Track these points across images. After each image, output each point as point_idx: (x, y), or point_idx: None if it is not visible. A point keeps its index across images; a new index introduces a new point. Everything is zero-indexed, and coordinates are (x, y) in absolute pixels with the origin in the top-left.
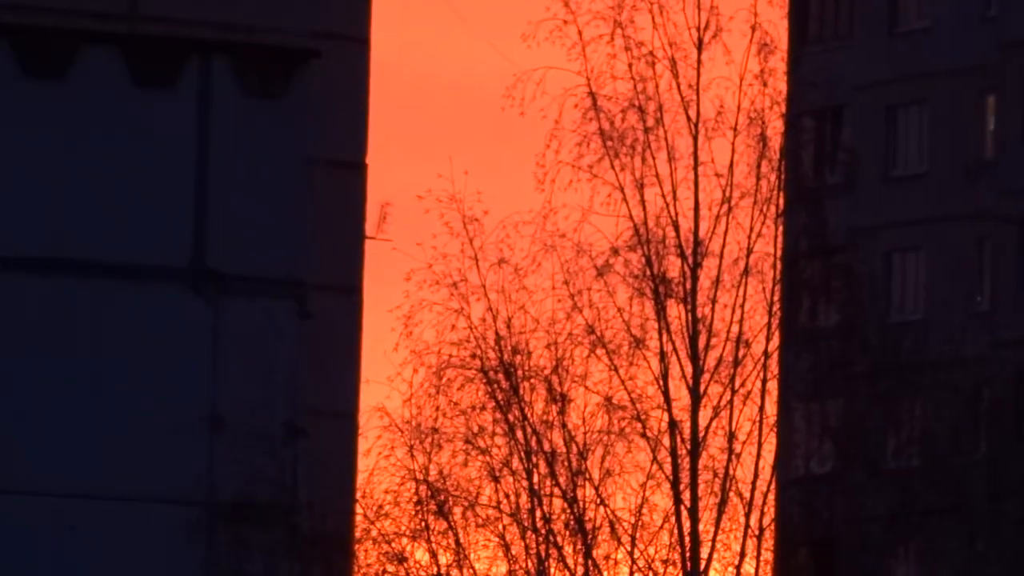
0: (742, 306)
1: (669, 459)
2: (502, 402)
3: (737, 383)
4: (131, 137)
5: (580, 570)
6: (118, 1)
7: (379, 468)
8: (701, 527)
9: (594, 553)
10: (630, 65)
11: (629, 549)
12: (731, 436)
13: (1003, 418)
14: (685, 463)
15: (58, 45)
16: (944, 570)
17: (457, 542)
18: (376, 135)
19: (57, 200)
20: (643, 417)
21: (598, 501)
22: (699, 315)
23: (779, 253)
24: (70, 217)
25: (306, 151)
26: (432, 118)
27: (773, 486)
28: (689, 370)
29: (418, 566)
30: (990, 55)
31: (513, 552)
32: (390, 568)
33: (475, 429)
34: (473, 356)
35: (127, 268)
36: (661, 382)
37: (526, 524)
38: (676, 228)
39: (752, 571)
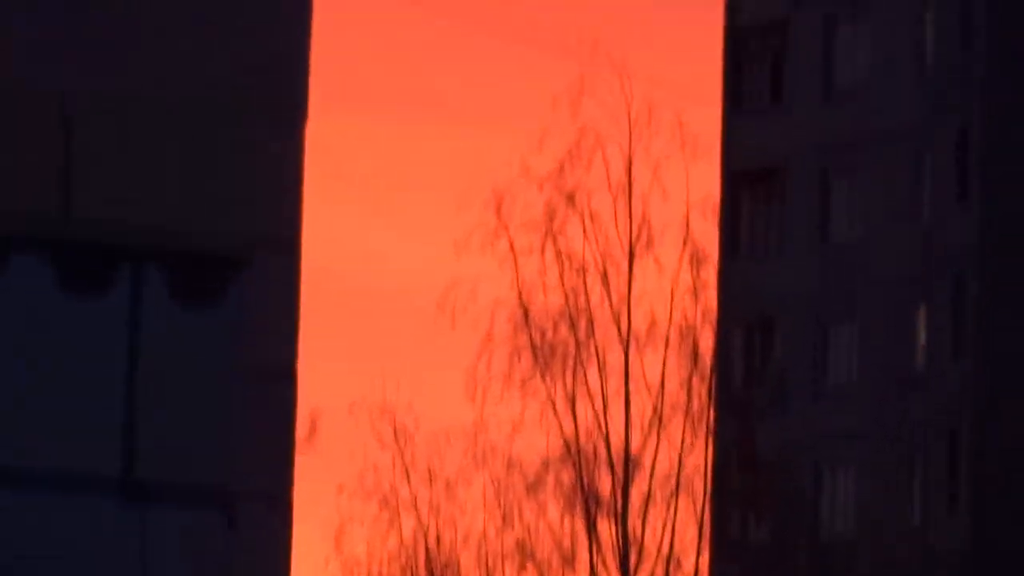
0: (673, 522)
1: None
2: None
3: None
4: (59, 344)
5: None
6: (49, 201)
7: None
8: None
9: None
10: (561, 276)
11: None
12: None
13: None
14: None
15: None
16: None
17: None
18: (308, 343)
19: None
20: None
21: None
22: (629, 531)
23: (710, 467)
24: None
25: (237, 359)
26: (363, 327)
27: None
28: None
29: None
30: (921, 267)
31: None
32: None
33: None
34: (403, 572)
35: (54, 476)
36: None
37: None
38: (607, 443)
39: None
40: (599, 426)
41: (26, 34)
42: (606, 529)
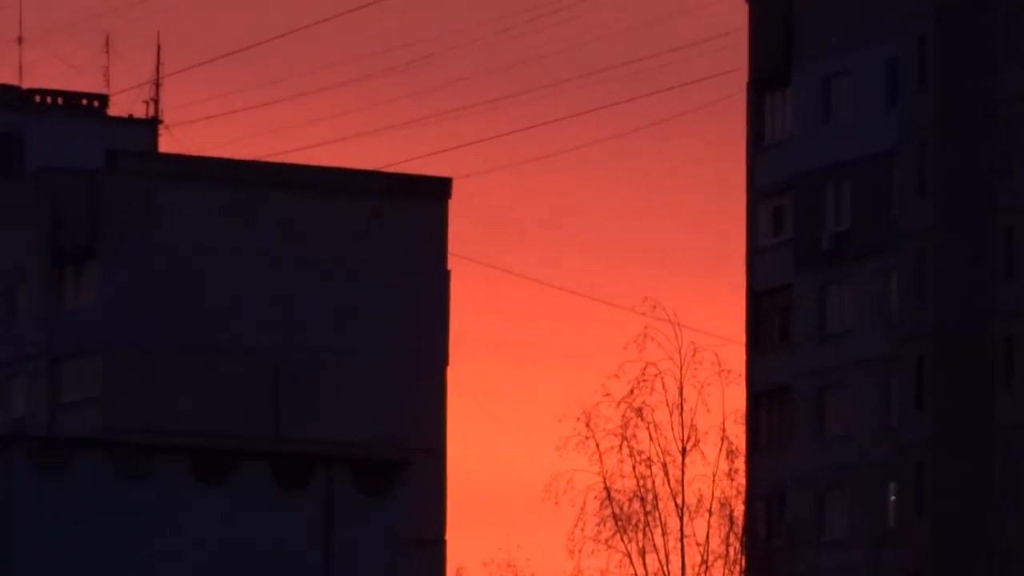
0: None
1: None
2: None
3: None
4: (274, 528)
5: None
6: (265, 425)
7: None
8: None
9: None
10: (634, 467)
11: None
12: None
13: None
14: None
15: (221, 458)
16: None
17: None
18: (454, 516)
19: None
20: None
21: None
22: None
23: None
24: None
25: (401, 534)
26: (495, 508)
27: None
28: None
29: None
30: (892, 455)
31: None
32: None
33: None
34: None
35: None
36: None
37: None
38: None
39: None
40: (663, 571)
41: (249, 308)
42: None
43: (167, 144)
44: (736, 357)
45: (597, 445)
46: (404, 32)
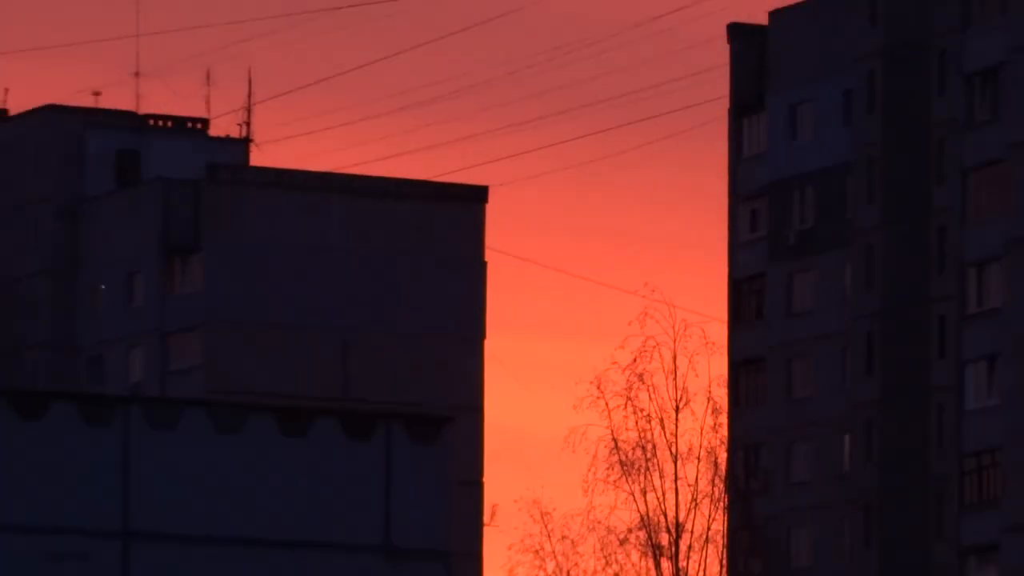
0: (705, 562)
1: None
2: None
3: None
4: (344, 473)
5: None
6: (335, 387)
7: None
8: None
9: None
10: (636, 422)
11: None
12: None
13: None
14: None
15: (301, 415)
16: None
17: None
18: (489, 462)
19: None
20: None
21: None
22: (680, 567)
23: (725, 528)
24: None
25: (449, 478)
26: (519, 452)
27: None
28: None
29: None
30: (847, 412)
31: None
32: None
33: None
34: None
35: (342, 545)
36: None
37: None
38: (665, 516)
39: None
40: (660, 506)
41: (323, 292)
42: (667, 566)
43: (256, 158)
44: (720, 332)
45: (606, 404)
46: (449, 67)
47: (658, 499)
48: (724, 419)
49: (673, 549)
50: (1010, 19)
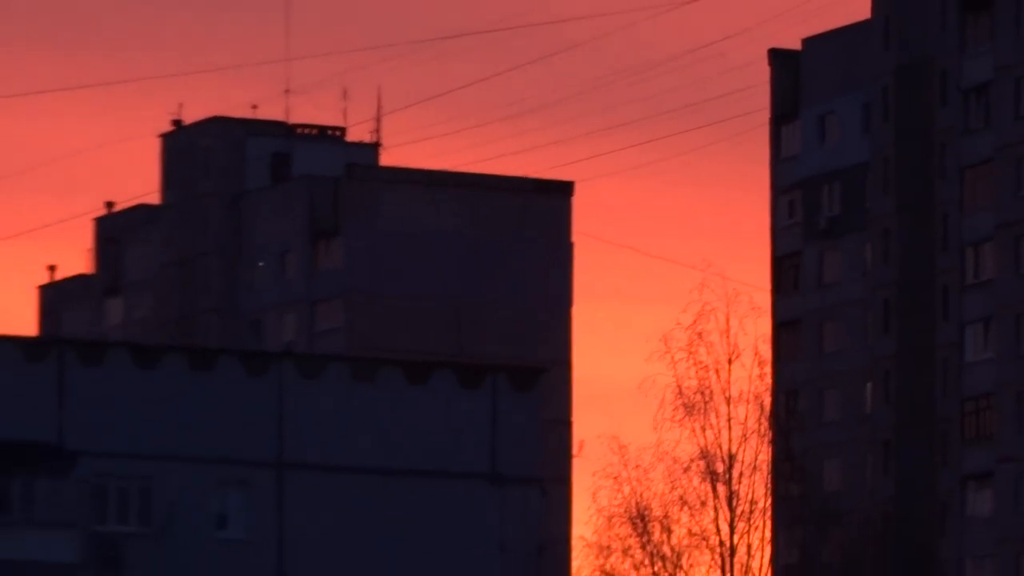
0: (754, 487)
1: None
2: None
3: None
4: (459, 416)
5: None
6: (451, 344)
7: None
8: None
9: None
10: (696, 372)
11: None
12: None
13: None
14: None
15: (424, 368)
16: None
17: None
18: (577, 405)
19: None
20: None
21: None
22: (733, 490)
23: (770, 459)
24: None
25: (542, 417)
26: (601, 397)
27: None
28: (726, 515)
29: None
30: (868, 364)
31: None
32: None
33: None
34: (627, 508)
35: (454, 473)
36: (714, 526)
37: None
38: (720, 449)
39: None
40: (716, 441)
41: (442, 267)
42: (722, 489)
43: (385, 159)
44: (764, 299)
45: (672, 357)
46: (544, 84)
47: (714, 435)
48: (768, 370)
49: (727, 475)
50: (997, 45)
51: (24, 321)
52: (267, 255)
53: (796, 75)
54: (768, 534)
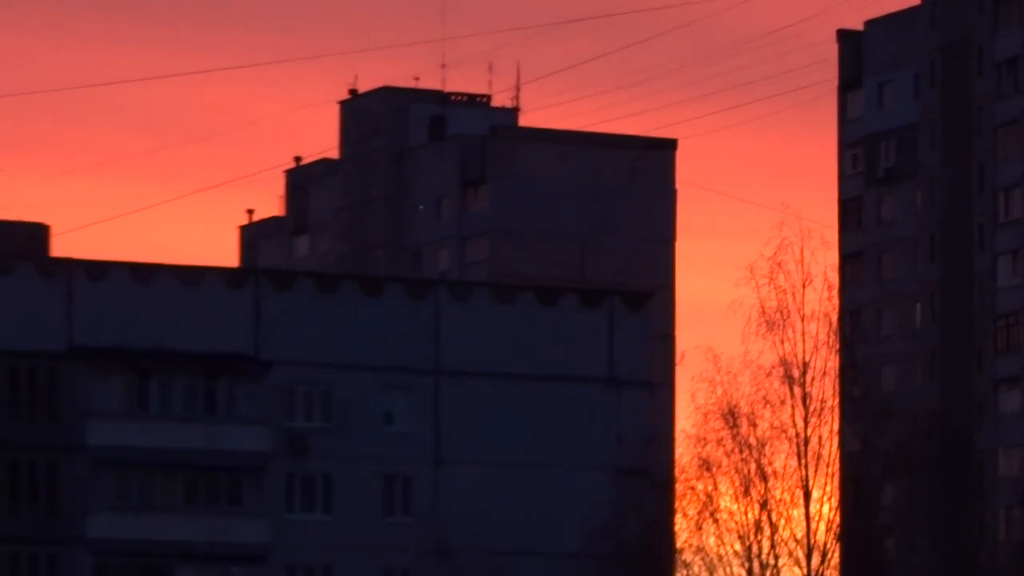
0: (824, 391)
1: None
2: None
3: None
4: (583, 332)
5: None
6: (576, 271)
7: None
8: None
9: None
10: (776, 295)
11: None
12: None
13: None
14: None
15: (554, 293)
16: None
17: None
18: (679, 322)
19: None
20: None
21: None
22: (807, 391)
23: (838, 364)
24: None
25: (650, 332)
26: (700, 317)
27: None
28: (801, 412)
29: None
30: (912, 286)
31: None
32: None
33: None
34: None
35: (572, 377)
36: (791, 420)
37: None
38: (796, 358)
39: None
40: (792, 351)
41: (567, 208)
42: (797, 391)
43: (523, 121)
44: (832, 235)
45: (756, 283)
46: (653, 59)
47: (791, 346)
48: (835, 293)
49: (802, 379)
50: None
51: (228, 255)
52: (425, 200)
53: (859, 51)
54: (836, 427)
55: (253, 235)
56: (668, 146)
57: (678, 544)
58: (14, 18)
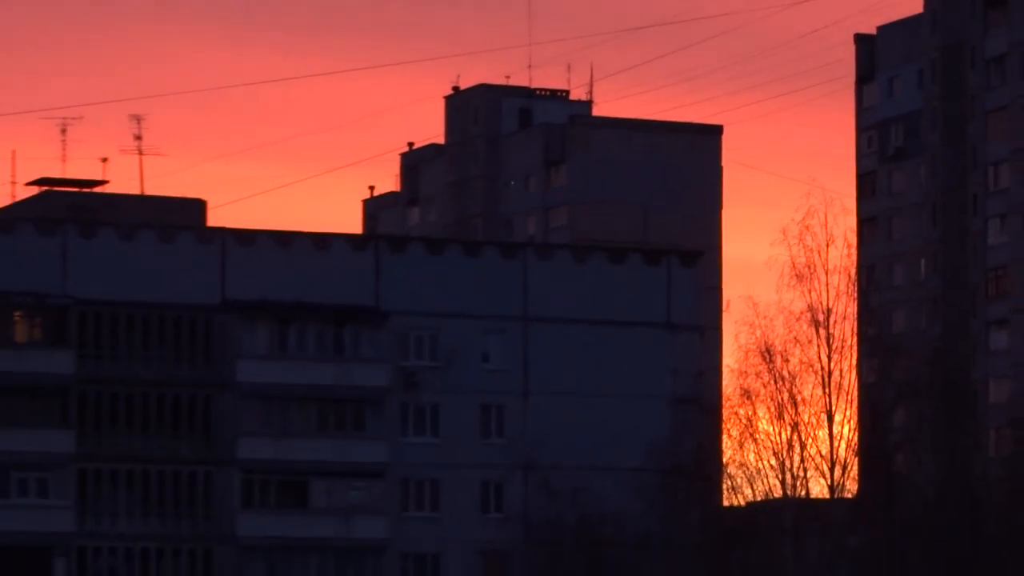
0: (844, 329)
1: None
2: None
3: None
4: (641, 286)
5: None
6: (639, 232)
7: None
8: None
9: None
10: (804, 251)
11: None
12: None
13: None
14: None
15: (619, 252)
16: None
17: None
18: (726, 274)
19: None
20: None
21: None
22: (831, 332)
23: (856, 310)
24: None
25: (702, 285)
26: (742, 270)
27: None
28: (826, 350)
29: None
30: (927, 237)
31: None
32: None
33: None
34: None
35: (631, 322)
36: (817, 356)
37: None
38: (821, 304)
39: None
40: (818, 298)
41: (626, 180)
42: (823, 333)
43: (596, 112)
44: (851, 203)
45: (788, 243)
46: (706, 57)
47: (817, 295)
48: (854, 251)
49: (826, 323)
50: (1011, 28)
51: (353, 224)
52: (515, 177)
53: (873, 51)
54: (854, 362)
55: (374, 207)
56: (716, 131)
57: (724, 460)
58: (195, 30)
